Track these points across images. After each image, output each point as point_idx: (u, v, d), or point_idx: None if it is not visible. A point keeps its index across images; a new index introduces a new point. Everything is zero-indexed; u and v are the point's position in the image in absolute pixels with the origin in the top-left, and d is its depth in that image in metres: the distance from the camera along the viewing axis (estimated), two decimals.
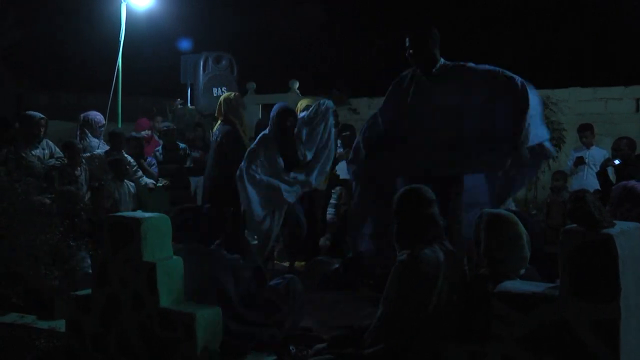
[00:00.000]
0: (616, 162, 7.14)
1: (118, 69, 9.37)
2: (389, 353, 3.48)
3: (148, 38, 13.66)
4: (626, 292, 3.03)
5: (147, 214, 4.38)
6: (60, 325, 4.69)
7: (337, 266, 6.38)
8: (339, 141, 8.51)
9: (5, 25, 15.08)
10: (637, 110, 10.50)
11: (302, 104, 7.98)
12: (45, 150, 7.19)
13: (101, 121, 8.16)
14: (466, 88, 5.16)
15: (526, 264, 3.53)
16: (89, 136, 7.93)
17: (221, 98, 7.28)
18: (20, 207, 5.07)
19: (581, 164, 8.47)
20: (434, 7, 16.65)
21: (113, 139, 7.82)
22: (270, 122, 6.70)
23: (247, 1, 18.35)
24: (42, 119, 7.23)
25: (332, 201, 7.84)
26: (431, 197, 3.76)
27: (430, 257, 3.55)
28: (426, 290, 3.51)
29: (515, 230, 3.54)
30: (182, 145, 8.75)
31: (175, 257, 4.32)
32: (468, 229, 4.32)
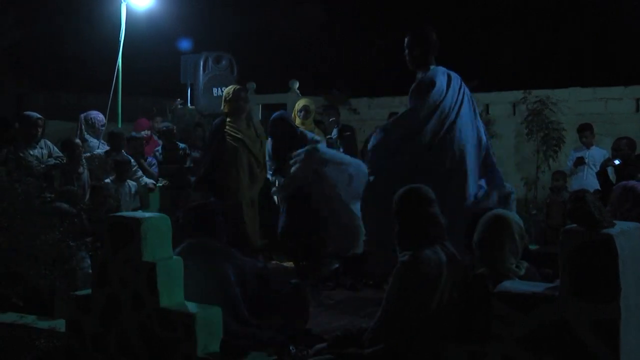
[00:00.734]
0: (616, 162, 7.15)
1: (118, 69, 9.37)
2: (389, 353, 3.48)
3: (148, 38, 13.65)
4: (626, 292, 3.03)
5: (147, 214, 4.38)
6: (60, 325, 4.68)
7: (337, 266, 6.39)
8: (339, 141, 8.53)
9: (6, 25, 15.06)
10: (637, 110, 10.50)
11: (300, 104, 7.99)
12: (44, 150, 7.19)
13: (102, 120, 8.16)
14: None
15: (507, 265, 3.51)
16: (88, 136, 7.93)
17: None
18: (20, 207, 5.07)
19: (581, 164, 8.48)
20: (434, 7, 16.66)
21: (113, 139, 7.82)
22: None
23: (247, 1, 18.34)
24: (39, 119, 7.23)
25: None
26: (431, 196, 3.76)
27: (431, 258, 3.55)
28: (427, 291, 3.50)
29: (511, 228, 3.55)
30: (181, 145, 8.74)
31: (175, 257, 4.33)
32: None
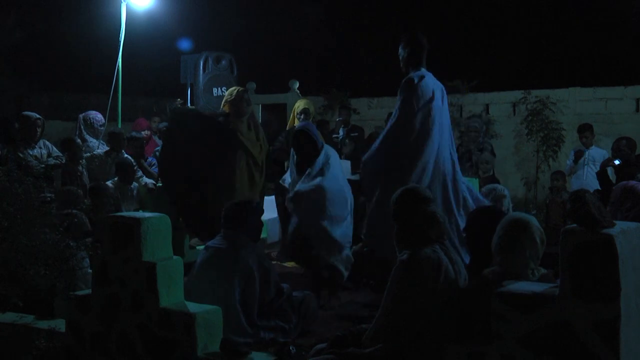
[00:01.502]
0: (616, 162, 7.15)
1: (118, 69, 9.36)
2: (389, 353, 3.48)
3: (148, 38, 13.65)
4: (626, 292, 3.03)
5: (147, 214, 4.39)
6: (60, 325, 4.68)
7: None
8: (347, 141, 8.55)
9: (6, 26, 15.07)
10: (637, 110, 10.51)
11: (300, 107, 7.98)
12: (43, 150, 7.20)
13: (101, 120, 8.15)
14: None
15: (530, 269, 3.51)
16: (88, 136, 7.92)
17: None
18: (20, 207, 5.06)
19: (580, 157, 8.46)
20: (434, 7, 16.67)
21: (113, 139, 7.81)
22: None
23: (247, 1, 18.36)
24: (38, 119, 7.24)
25: None
26: (428, 195, 3.78)
27: (431, 256, 3.55)
28: (427, 290, 3.50)
29: (523, 234, 3.53)
30: None
31: (175, 257, 4.33)
32: None
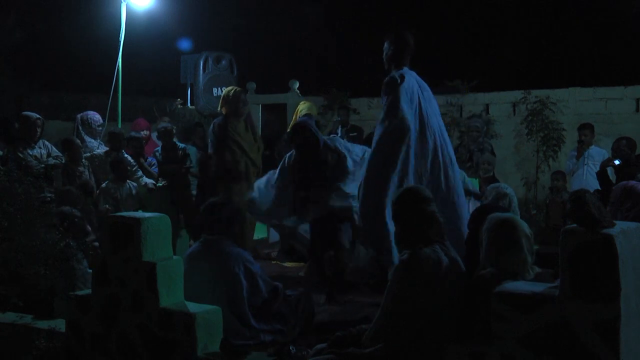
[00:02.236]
0: (616, 162, 7.15)
1: (118, 69, 9.36)
2: (389, 353, 3.48)
3: (148, 38, 13.66)
4: (626, 292, 3.03)
5: (147, 214, 4.38)
6: (59, 325, 4.68)
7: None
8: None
9: (6, 26, 15.07)
10: (637, 110, 10.50)
11: (303, 109, 7.96)
12: (42, 150, 7.20)
13: (99, 121, 8.13)
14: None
15: (528, 267, 3.52)
16: (86, 136, 7.91)
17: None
18: (20, 207, 5.06)
19: (581, 152, 8.42)
20: (434, 7, 16.67)
21: (112, 139, 7.80)
22: None
23: (247, 1, 18.36)
24: (38, 119, 7.23)
25: None
26: (428, 195, 3.79)
27: (431, 256, 3.55)
28: (426, 290, 3.51)
29: (515, 233, 3.54)
30: (181, 145, 8.72)
31: (175, 257, 4.33)
32: None
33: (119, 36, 9.36)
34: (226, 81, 11.35)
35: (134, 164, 7.66)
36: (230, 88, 7.27)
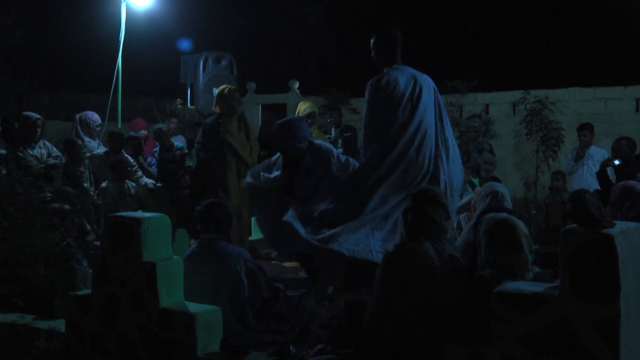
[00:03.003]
0: (616, 162, 7.14)
1: (118, 69, 9.37)
2: (389, 353, 3.48)
3: (148, 38, 13.67)
4: (626, 292, 3.03)
5: (147, 214, 4.38)
6: (60, 325, 4.68)
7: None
8: (339, 141, 8.52)
9: (6, 26, 15.07)
10: (637, 110, 10.50)
11: (305, 110, 7.94)
12: (43, 150, 7.19)
13: (97, 121, 8.13)
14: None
15: (528, 267, 3.52)
16: (85, 136, 7.91)
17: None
18: (20, 207, 5.07)
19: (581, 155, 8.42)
20: (434, 7, 16.67)
21: (112, 139, 7.79)
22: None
23: (247, 1, 18.36)
24: (38, 119, 7.23)
25: None
26: (440, 197, 3.78)
27: (415, 250, 3.53)
28: (413, 284, 3.48)
29: (514, 233, 3.54)
30: (178, 145, 8.71)
31: (175, 257, 4.33)
32: None
33: (118, 36, 9.36)
34: (226, 81, 11.31)
35: (134, 164, 7.67)
36: (225, 86, 7.26)
